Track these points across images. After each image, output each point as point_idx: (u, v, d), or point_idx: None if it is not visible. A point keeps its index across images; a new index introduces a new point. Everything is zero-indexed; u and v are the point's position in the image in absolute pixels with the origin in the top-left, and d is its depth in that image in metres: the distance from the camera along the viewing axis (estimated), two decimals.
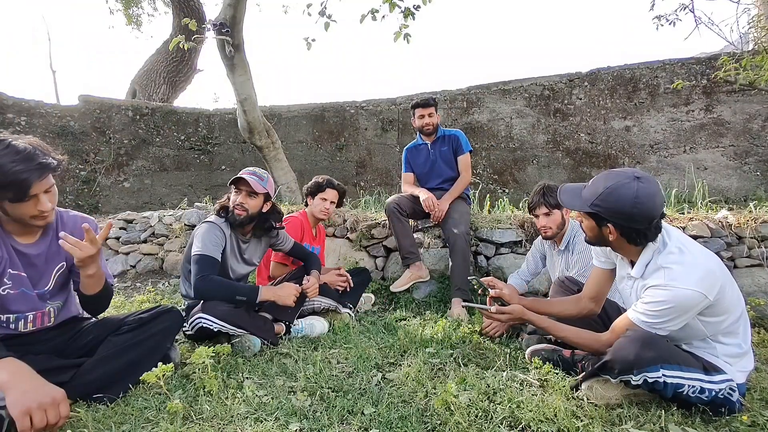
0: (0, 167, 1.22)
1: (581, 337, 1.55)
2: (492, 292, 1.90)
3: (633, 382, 1.31)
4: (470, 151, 3.08)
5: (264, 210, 2.11)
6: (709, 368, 1.34)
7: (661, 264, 1.38)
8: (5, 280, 1.39)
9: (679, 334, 1.40)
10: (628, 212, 1.34)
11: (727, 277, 1.37)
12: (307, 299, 2.20)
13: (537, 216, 2.25)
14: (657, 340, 1.33)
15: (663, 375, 1.27)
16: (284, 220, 2.53)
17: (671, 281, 1.32)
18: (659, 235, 1.41)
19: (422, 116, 3.07)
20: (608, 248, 1.57)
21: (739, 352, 1.40)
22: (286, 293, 1.99)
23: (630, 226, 1.37)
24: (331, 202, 2.63)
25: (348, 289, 2.55)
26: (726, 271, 1.39)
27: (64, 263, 1.53)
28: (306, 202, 2.70)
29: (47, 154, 1.32)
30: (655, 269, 1.39)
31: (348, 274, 2.58)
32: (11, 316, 1.42)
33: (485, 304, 1.89)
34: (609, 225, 1.40)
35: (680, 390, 1.29)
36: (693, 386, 1.29)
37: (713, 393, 1.30)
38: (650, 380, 1.28)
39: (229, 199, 2.10)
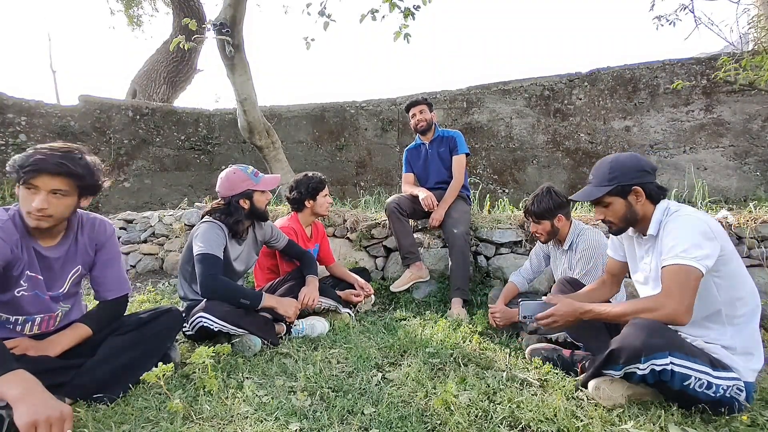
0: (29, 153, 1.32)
1: (638, 307, 1.41)
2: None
3: (639, 372, 1.28)
4: (467, 154, 3.07)
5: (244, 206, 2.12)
6: (717, 364, 1.33)
7: (672, 212, 1.48)
8: (21, 282, 1.41)
9: (697, 302, 1.35)
10: (638, 165, 1.53)
11: (727, 241, 1.41)
12: (310, 307, 2.21)
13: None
14: (665, 328, 1.32)
15: (671, 362, 1.25)
16: None
17: (681, 214, 1.45)
18: (665, 196, 1.55)
19: (414, 114, 3.11)
20: (621, 238, 1.68)
21: (752, 345, 1.40)
22: (287, 305, 2.04)
23: (646, 181, 1.52)
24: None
25: (364, 300, 2.60)
26: (728, 239, 1.44)
27: (80, 267, 1.56)
28: (302, 206, 2.61)
29: (92, 169, 1.41)
30: (667, 218, 1.48)
31: (365, 286, 2.61)
32: (20, 317, 1.44)
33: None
34: (634, 188, 1.52)
35: (687, 382, 1.27)
36: (700, 379, 1.27)
37: (721, 390, 1.28)
38: (658, 368, 1.26)
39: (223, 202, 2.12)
